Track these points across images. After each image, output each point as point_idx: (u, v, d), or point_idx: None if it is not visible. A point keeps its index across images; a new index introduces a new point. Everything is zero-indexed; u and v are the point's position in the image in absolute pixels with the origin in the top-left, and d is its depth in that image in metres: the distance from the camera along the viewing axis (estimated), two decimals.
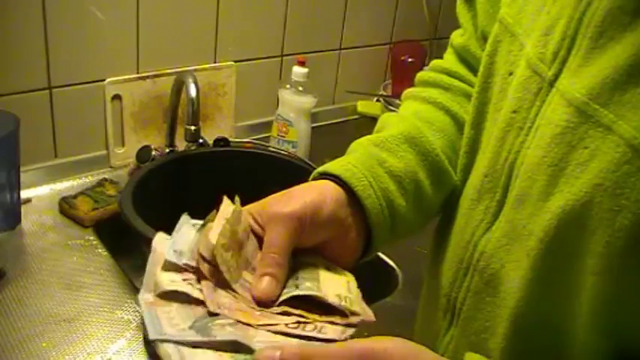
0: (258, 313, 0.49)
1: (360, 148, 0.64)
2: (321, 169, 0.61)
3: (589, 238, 0.46)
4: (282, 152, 1.33)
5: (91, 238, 1.10)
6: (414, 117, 0.67)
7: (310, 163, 1.25)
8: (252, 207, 0.56)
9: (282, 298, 0.51)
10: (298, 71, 1.39)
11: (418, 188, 0.63)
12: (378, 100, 1.74)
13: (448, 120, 0.68)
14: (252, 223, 0.55)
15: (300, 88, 1.40)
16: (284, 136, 1.42)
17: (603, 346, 0.48)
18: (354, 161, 0.60)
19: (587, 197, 0.45)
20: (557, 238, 0.48)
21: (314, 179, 0.61)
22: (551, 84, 0.51)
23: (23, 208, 1.12)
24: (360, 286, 0.56)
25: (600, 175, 0.44)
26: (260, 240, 0.54)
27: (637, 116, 0.43)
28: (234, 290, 0.50)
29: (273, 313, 0.50)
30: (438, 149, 0.64)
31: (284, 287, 0.52)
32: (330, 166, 0.60)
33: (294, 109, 1.41)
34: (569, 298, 0.49)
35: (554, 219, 0.48)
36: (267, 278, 0.51)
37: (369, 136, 0.65)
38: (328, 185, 0.58)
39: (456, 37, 0.73)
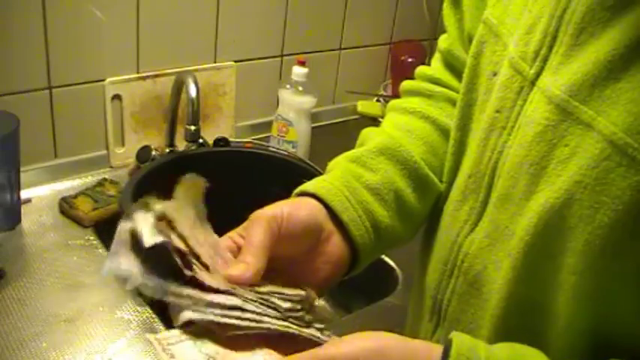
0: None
1: (337, 166, 0.64)
2: (298, 189, 0.61)
3: (569, 237, 0.46)
4: (282, 152, 1.33)
5: (91, 238, 1.10)
6: (393, 128, 0.67)
7: (310, 163, 1.25)
8: (237, 230, 0.55)
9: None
10: (298, 71, 1.39)
11: (399, 197, 0.63)
12: (378, 100, 1.74)
13: (428, 126, 0.67)
14: (237, 241, 0.54)
15: (300, 88, 1.40)
16: (284, 136, 1.42)
17: (583, 345, 0.48)
18: (330, 179, 0.61)
19: (568, 195, 0.46)
20: (538, 237, 0.48)
21: None
22: (533, 82, 0.51)
23: (23, 208, 1.12)
24: (360, 285, 0.56)
25: (580, 172, 0.45)
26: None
27: (616, 112, 0.43)
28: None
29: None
30: (416, 156, 0.64)
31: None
32: (307, 186, 0.60)
33: (294, 109, 1.41)
34: (550, 298, 0.49)
35: (534, 217, 0.48)
36: (242, 264, 0.50)
37: (345, 153, 0.65)
38: (304, 198, 0.58)
39: (442, 42, 0.73)
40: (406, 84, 0.74)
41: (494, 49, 0.58)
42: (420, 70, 0.74)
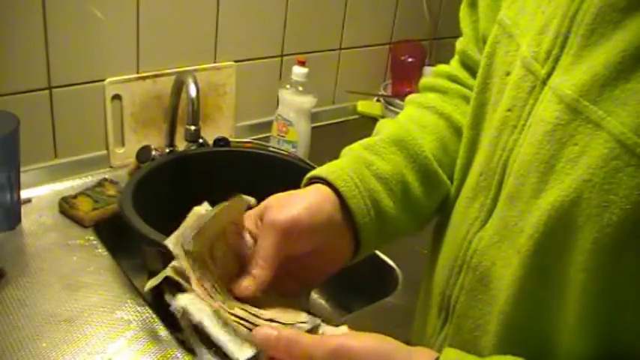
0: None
1: (350, 152, 0.66)
2: (310, 173, 0.63)
3: (578, 235, 0.46)
4: (282, 152, 1.33)
5: (91, 238, 1.10)
6: (407, 121, 0.69)
7: (310, 163, 1.25)
8: (254, 211, 0.58)
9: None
10: (298, 71, 1.39)
11: (406, 190, 0.64)
12: (378, 100, 1.74)
13: (442, 122, 0.69)
14: (253, 228, 0.58)
15: (300, 88, 1.40)
16: (284, 136, 1.42)
17: (591, 344, 0.48)
18: (342, 164, 0.62)
19: (577, 193, 0.46)
20: (546, 235, 0.49)
21: (305, 185, 0.63)
22: (544, 82, 0.52)
23: (23, 208, 1.12)
24: (360, 285, 0.57)
25: (589, 171, 0.45)
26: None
27: (626, 112, 0.44)
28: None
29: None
30: (427, 151, 0.66)
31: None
32: (319, 170, 0.62)
33: (294, 109, 1.41)
34: (558, 296, 0.49)
35: (543, 216, 0.49)
36: (249, 277, 0.54)
37: (360, 141, 0.67)
38: (326, 189, 0.60)
39: (458, 43, 0.75)
40: (424, 81, 0.75)
41: (507, 50, 0.59)
42: (438, 67, 0.76)
